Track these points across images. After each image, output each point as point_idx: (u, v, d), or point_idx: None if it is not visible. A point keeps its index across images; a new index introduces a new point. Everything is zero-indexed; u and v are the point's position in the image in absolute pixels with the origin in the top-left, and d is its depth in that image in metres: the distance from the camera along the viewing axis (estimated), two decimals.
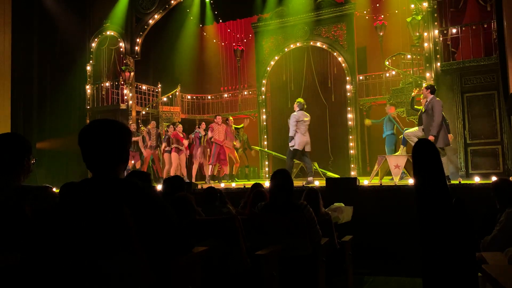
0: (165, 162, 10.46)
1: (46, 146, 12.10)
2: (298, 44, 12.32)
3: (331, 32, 11.82)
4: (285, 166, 8.35)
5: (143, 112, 12.60)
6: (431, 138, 6.97)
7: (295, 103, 8.85)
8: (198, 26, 14.51)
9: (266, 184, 5.69)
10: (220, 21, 13.81)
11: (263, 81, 12.71)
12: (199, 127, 11.07)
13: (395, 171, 7.59)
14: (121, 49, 12.31)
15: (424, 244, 2.52)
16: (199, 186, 8.47)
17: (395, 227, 5.88)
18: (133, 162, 10.50)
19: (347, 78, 11.64)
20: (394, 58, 10.78)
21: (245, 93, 14.56)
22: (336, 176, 10.11)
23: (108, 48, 12.56)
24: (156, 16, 12.17)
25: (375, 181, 7.62)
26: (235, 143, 11.03)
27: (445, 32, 8.94)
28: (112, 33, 12.43)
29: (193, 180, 10.37)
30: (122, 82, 12.07)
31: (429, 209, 2.51)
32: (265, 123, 12.70)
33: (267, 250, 3.22)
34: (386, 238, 6.00)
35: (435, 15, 9.05)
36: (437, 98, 7.34)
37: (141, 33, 12.26)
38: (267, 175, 12.15)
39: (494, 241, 3.61)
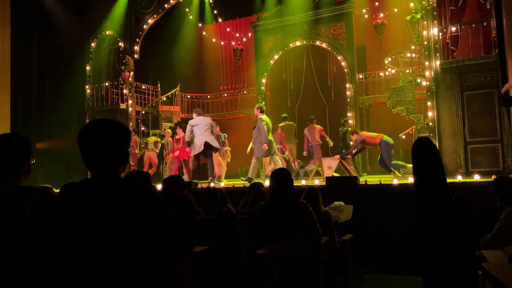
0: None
1: (46, 146, 12.10)
2: (297, 43, 12.32)
3: (331, 31, 11.82)
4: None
5: (143, 112, 12.59)
6: (264, 146, 8.47)
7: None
8: (197, 26, 14.50)
9: (266, 183, 5.68)
10: (220, 20, 13.79)
11: (263, 80, 12.69)
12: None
13: (328, 171, 8.68)
14: (121, 49, 12.30)
15: (424, 243, 2.52)
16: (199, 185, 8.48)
17: (395, 225, 5.88)
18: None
19: (347, 77, 11.64)
20: (393, 57, 10.78)
21: (245, 92, 14.55)
22: (336, 174, 10.11)
23: (108, 48, 12.54)
24: (155, 15, 12.16)
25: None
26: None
27: (444, 30, 8.94)
28: (111, 33, 12.42)
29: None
30: (122, 82, 12.06)
31: (429, 208, 2.51)
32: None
33: (267, 250, 3.22)
34: (386, 236, 6.00)
35: (435, 13, 9.04)
36: (263, 116, 8.79)
37: (140, 33, 12.25)
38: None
39: (494, 239, 3.61)
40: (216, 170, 10.58)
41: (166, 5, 12.07)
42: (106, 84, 12.37)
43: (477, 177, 7.05)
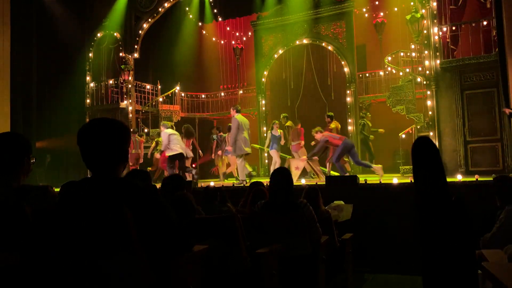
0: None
1: (46, 145, 12.09)
2: (297, 42, 12.31)
3: (331, 30, 11.81)
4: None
5: (143, 111, 12.58)
6: (229, 148, 8.84)
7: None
8: (197, 25, 14.49)
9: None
10: (220, 19, 13.79)
11: (263, 80, 12.69)
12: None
13: (295, 172, 9.13)
14: (121, 48, 12.29)
15: (424, 242, 2.52)
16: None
17: (395, 225, 5.88)
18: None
19: (347, 76, 11.64)
20: (393, 56, 10.77)
21: (245, 91, 14.54)
22: (336, 174, 10.11)
23: (108, 47, 12.54)
24: (155, 14, 12.16)
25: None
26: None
27: (444, 29, 8.93)
28: (111, 32, 12.42)
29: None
30: (122, 81, 12.06)
31: (429, 207, 2.51)
32: (264, 121, 12.70)
33: (267, 249, 3.22)
34: (386, 236, 6.01)
35: (435, 12, 9.04)
36: (236, 117, 8.79)
37: (140, 32, 12.24)
38: (266, 174, 12.14)
39: (494, 239, 3.61)
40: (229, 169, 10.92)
41: (166, 4, 12.06)
42: (106, 83, 12.37)
43: (477, 177, 7.06)
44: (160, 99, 12.86)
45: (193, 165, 11.63)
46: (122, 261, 1.62)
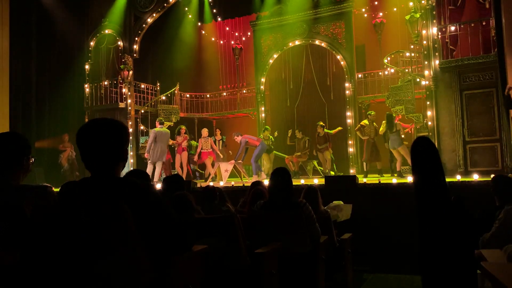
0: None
1: (45, 145, 12.08)
2: (296, 42, 12.31)
3: (330, 30, 11.81)
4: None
5: (142, 111, 12.57)
6: (146, 155, 9.90)
7: None
8: (197, 25, 14.47)
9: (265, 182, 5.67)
10: (219, 19, 13.78)
11: (262, 80, 12.68)
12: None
13: (225, 174, 9.64)
14: (120, 48, 12.28)
15: (422, 242, 2.52)
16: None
17: (394, 224, 5.89)
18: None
19: (346, 76, 11.64)
20: (393, 56, 10.78)
21: (244, 91, 14.54)
22: (335, 174, 10.12)
23: (107, 46, 12.52)
24: (154, 14, 12.14)
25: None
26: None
27: (443, 29, 8.94)
28: (111, 32, 12.40)
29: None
30: (121, 81, 12.04)
31: (428, 207, 2.52)
32: (264, 122, 12.69)
33: (266, 248, 3.23)
34: (386, 235, 6.01)
35: (434, 12, 9.04)
36: (156, 129, 9.98)
37: (139, 32, 12.23)
38: (266, 173, 12.13)
39: (493, 238, 3.61)
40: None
41: (165, 4, 12.05)
42: (105, 83, 12.35)
43: (476, 177, 7.06)
44: (161, 98, 12.85)
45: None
46: (121, 259, 1.62)
